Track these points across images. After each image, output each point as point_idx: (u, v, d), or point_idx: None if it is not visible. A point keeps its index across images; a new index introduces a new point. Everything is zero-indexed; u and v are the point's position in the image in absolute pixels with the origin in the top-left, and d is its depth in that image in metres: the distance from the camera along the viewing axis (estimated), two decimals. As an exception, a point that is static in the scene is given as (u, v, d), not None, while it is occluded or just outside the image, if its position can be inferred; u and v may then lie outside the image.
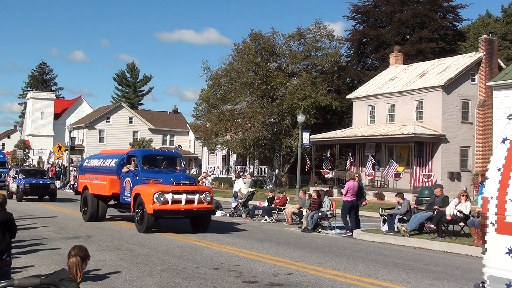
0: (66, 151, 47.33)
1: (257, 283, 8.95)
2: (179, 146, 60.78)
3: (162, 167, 17.28)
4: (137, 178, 16.27)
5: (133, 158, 17.14)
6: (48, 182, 29.25)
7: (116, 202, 18.35)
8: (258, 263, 10.80)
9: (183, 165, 18.10)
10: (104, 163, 18.65)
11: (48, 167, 51.57)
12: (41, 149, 63.97)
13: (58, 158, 52.77)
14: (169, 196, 15.04)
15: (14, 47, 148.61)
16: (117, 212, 18.94)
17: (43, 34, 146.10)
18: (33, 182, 28.05)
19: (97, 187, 18.20)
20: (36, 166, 56.94)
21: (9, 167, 41.05)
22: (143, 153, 17.83)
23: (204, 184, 21.56)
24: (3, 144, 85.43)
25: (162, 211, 14.97)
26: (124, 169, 16.97)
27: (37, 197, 28.79)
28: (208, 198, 15.71)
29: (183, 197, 15.20)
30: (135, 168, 16.67)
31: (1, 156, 40.70)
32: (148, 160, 17.29)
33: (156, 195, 14.89)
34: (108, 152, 22.69)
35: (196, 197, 15.41)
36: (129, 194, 16.40)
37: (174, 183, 15.42)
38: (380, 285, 9.11)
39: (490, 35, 34.07)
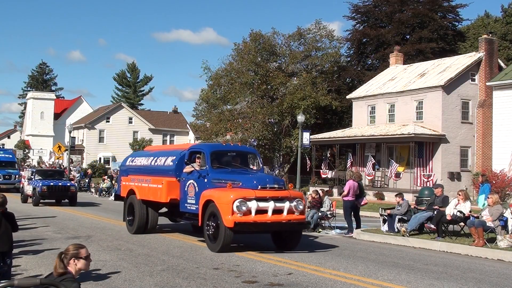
0: (66, 151, 47.33)
1: (257, 283, 8.94)
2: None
3: (237, 166, 13.81)
4: (205, 180, 13.00)
5: (197, 155, 13.75)
6: (68, 184, 25.97)
7: (167, 210, 15.35)
8: (258, 263, 10.80)
9: (261, 165, 14.44)
10: (156, 161, 15.16)
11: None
12: (41, 149, 63.95)
13: (58, 158, 52.73)
14: (252, 205, 11.77)
15: (12, 47, 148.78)
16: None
17: (41, 34, 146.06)
18: (51, 184, 25.00)
19: (148, 191, 14.89)
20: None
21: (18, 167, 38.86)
22: (211, 149, 13.92)
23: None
24: (3, 144, 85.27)
25: (244, 224, 11.67)
26: (187, 169, 13.69)
27: (54, 201, 25.82)
28: (301, 207, 12.47)
29: (270, 205, 11.92)
30: (201, 168, 13.31)
31: (10, 156, 37.56)
32: (218, 157, 13.72)
33: (236, 202, 11.63)
34: (159, 148, 19.70)
35: (286, 205, 12.14)
36: (193, 201, 13.26)
37: (259, 187, 12.08)
38: (380, 285, 9.11)
39: (490, 35, 34.08)
